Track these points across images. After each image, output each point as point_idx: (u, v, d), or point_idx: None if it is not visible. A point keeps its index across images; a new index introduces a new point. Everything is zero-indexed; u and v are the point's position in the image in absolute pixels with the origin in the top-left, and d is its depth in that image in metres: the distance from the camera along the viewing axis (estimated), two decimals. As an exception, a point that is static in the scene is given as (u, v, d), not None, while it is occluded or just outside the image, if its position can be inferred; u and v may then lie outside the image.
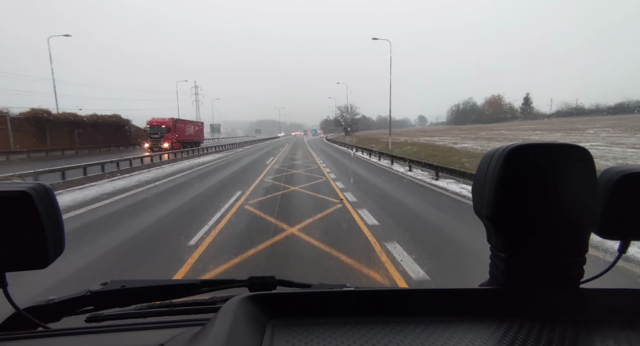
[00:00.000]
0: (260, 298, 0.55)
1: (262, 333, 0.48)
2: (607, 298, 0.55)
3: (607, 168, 0.56)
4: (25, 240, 0.58)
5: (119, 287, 0.81)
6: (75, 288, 0.82)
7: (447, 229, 5.51)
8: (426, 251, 4.40)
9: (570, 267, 0.55)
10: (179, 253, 4.36)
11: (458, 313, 0.53)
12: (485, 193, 0.56)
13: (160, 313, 0.80)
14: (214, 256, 4.29)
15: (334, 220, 6.03)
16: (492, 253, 0.60)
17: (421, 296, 0.58)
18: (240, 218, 6.15)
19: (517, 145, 0.54)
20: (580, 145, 0.53)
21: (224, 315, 0.48)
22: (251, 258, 4.16)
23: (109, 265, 4.13)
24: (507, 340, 0.46)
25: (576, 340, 0.47)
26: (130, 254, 4.52)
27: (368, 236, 5.02)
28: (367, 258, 4.18)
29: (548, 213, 0.53)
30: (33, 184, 0.59)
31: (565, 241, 0.54)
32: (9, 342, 0.60)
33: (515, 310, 0.54)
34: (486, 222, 0.58)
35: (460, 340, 0.47)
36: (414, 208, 7.12)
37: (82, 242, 4.90)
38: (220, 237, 5.07)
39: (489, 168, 0.56)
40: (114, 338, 0.65)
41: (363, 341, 0.46)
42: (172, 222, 6.14)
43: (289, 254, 4.41)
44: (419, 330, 0.49)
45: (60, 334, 0.64)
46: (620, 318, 0.52)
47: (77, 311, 0.80)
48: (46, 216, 0.58)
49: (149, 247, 4.80)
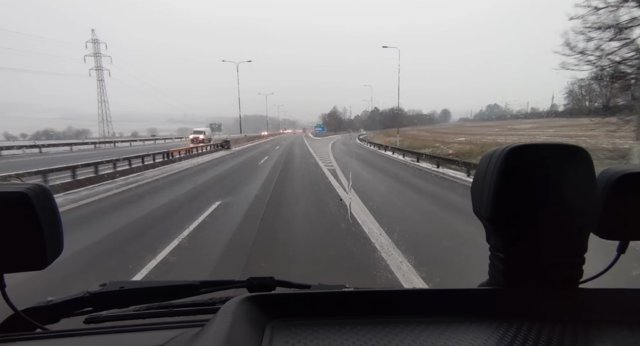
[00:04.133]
0: (260, 298, 0.55)
1: (262, 334, 0.48)
2: (606, 298, 0.55)
3: (606, 169, 0.57)
4: (24, 241, 0.58)
5: (118, 288, 0.81)
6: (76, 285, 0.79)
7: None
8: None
9: (569, 267, 0.55)
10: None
11: (457, 314, 0.53)
12: (485, 194, 0.56)
13: (159, 314, 0.79)
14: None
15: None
16: (491, 254, 0.60)
17: (420, 296, 0.58)
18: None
19: (516, 145, 0.54)
20: (578, 146, 0.54)
21: (223, 316, 0.48)
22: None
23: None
24: (506, 340, 0.46)
25: (575, 340, 0.47)
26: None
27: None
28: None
29: (547, 214, 0.53)
30: (31, 185, 0.58)
31: (564, 241, 0.54)
32: (7, 344, 0.60)
33: (515, 310, 0.54)
34: (485, 222, 0.58)
35: (460, 340, 0.47)
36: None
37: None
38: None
39: (488, 169, 0.56)
40: (113, 339, 0.65)
41: (362, 342, 0.46)
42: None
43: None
44: (419, 330, 0.49)
45: (58, 335, 0.64)
46: (619, 318, 0.52)
47: (76, 313, 0.80)
48: (44, 217, 0.58)
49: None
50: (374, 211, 6.37)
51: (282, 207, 7.13)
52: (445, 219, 6.35)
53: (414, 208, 7.16)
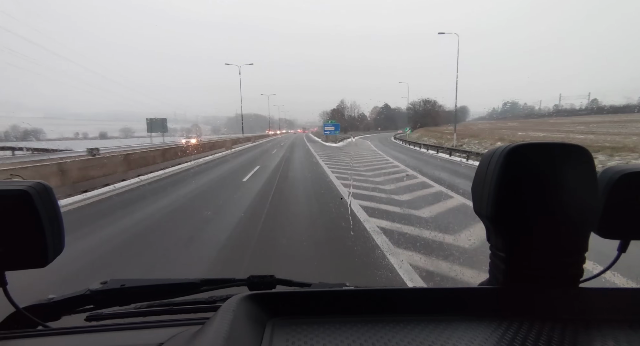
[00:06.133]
0: (260, 297, 0.55)
1: (262, 332, 0.48)
2: (607, 297, 0.55)
3: (607, 168, 0.56)
4: (25, 239, 0.58)
5: (119, 286, 0.81)
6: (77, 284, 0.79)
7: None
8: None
9: (569, 266, 0.55)
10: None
11: (458, 312, 0.53)
12: (485, 193, 0.56)
13: (159, 312, 0.80)
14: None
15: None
16: (491, 253, 0.60)
17: (421, 295, 0.58)
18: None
19: (517, 144, 0.54)
20: (580, 145, 0.54)
21: (224, 314, 0.48)
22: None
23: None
24: (506, 339, 0.47)
25: (575, 339, 0.47)
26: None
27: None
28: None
29: (548, 213, 0.53)
30: (33, 183, 0.59)
31: (565, 240, 0.54)
32: (8, 341, 0.60)
33: (515, 309, 0.54)
34: (486, 221, 0.58)
35: (460, 339, 0.47)
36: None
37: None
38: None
39: (488, 168, 0.56)
40: (114, 337, 0.65)
41: (363, 340, 0.46)
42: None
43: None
44: (419, 329, 0.49)
45: (60, 333, 0.64)
46: (620, 317, 0.52)
47: (77, 310, 0.80)
48: (46, 215, 0.58)
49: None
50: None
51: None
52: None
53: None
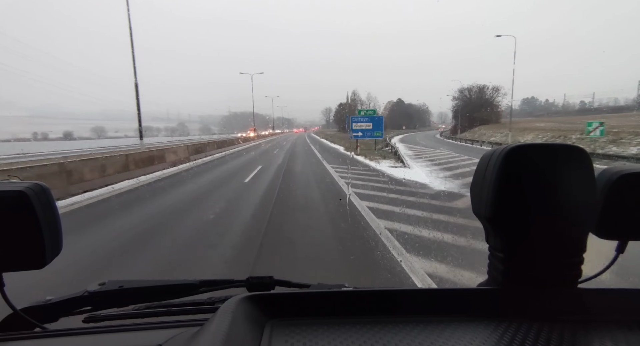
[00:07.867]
0: (259, 298, 0.55)
1: (261, 333, 0.48)
2: (605, 298, 0.55)
3: (606, 169, 0.57)
4: (23, 240, 0.57)
5: (117, 287, 0.81)
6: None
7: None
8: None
9: (568, 267, 0.55)
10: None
11: (456, 313, 0.53)
12: (484, 194, 0.56)
13: (158, 314, 0.79)
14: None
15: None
16: (490, 253, 0.60)
17: (420, 296, 0.58)
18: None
19: (515, 145, 0.54)
20: (578, 146, 0.54)
21: (223, 315, 0.48)
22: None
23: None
24: (505, 340, 0.46)
25: (574, 340, 0.47)
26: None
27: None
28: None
29: (546, 214, 0.53)
30: (30, 184, 0.58)
31: (564, 241, 0.54)
32: (6, 343, 0.60)
33: (514, 310, 0.54)
34: (485, 222, 0.58)
35: (459, 339, 0.47)
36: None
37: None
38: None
39: (487, 169, 0.56)
40: (112, 338, 0.65)
41: (361, 341, 0.46)
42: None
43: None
44: (418, 330, 0.49)
45: (57, 334, 0.64)
46: (618, 318, 0.52)
47: (75, 312, 0.80)
48: (43, 216, 0.58)
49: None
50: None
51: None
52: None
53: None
